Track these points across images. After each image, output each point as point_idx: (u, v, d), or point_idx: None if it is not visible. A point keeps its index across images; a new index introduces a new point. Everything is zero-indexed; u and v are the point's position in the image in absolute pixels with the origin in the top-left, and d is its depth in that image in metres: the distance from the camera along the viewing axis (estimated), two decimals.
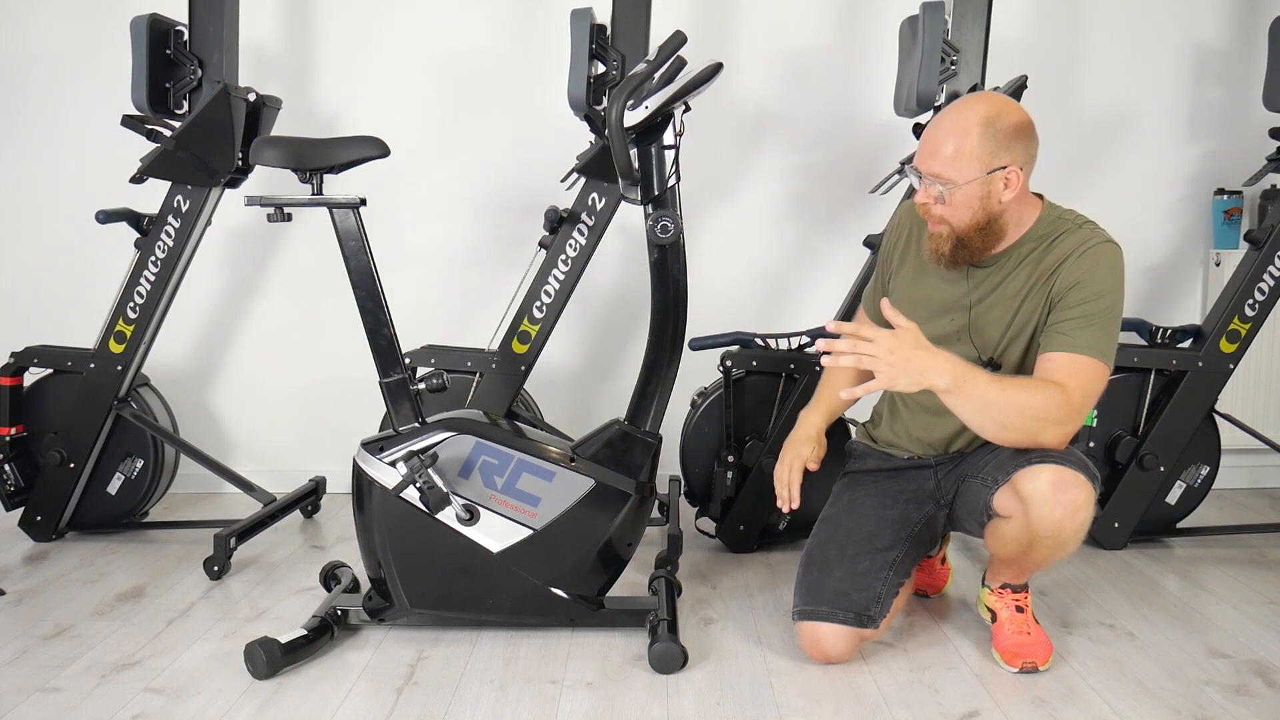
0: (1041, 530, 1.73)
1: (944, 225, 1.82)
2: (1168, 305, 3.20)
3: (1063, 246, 1.83)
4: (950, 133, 1.76)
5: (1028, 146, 1.79)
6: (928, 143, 1.80)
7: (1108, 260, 1.81)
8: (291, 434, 3.26)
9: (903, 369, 1.66)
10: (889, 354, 1.66)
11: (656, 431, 2.01)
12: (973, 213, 1.79)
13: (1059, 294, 1.80)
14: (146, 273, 2.64)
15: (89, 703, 1.76)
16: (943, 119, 1.80)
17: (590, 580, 2.01)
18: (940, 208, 1.80)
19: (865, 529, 1.94)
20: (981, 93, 1.81)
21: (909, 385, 1.67)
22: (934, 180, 1.78)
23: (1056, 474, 1.71)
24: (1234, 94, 3.13)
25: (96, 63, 3.08)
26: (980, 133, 1.74)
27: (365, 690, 1.81)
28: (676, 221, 1.91)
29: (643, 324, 2.03)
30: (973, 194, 1.77)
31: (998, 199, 1.78)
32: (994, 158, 1.75)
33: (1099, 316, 1.77)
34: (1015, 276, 1.86)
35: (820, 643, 1.87)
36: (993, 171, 1.76)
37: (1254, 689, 1.79)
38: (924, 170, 1.80)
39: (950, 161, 1.76)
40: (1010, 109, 1.78)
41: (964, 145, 1.75)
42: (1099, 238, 1.83)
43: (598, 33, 2.56)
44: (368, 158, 1.99)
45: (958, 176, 1.76)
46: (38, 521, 2.68)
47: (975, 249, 1.83)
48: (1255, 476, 3.19)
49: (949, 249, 1.83)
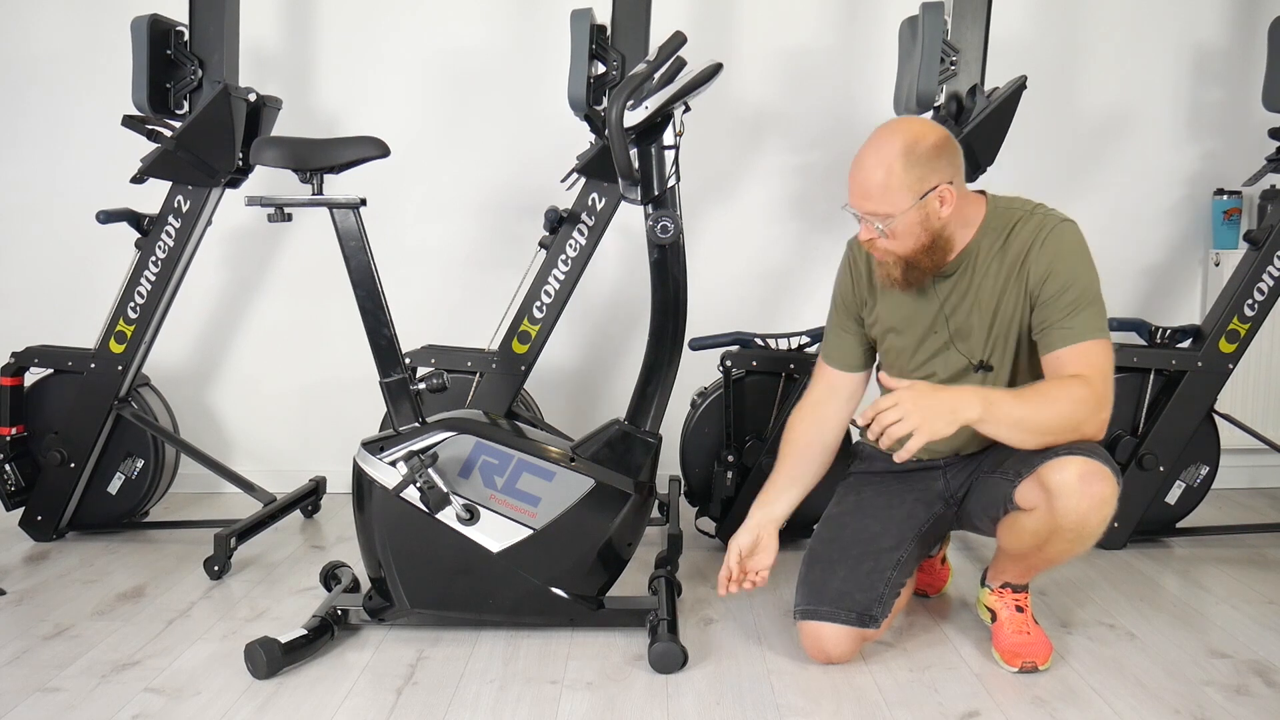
0: (1066, 522, 1.73)
1: (890, 255, 1.83)
2: (1167, 305, 3.20)
3: (1022, 235, 1.83)
4: (874, 170, 1.76)
5: (952, 159, 1.79)
6: (855, 184, 1.80)
7: (1069, 240, 1.81)
8: (291, 434, 3.26)
9: (934, 414, 1.67)
10: (916, 409, 1.67)
11: (656, 431, 2.02)
12: (915, 237, 1.80)
13: (1036, 289, 1.81)
14: (147, 273, 2.65)
15: (89, 703, 1.76)
16: (864, 158, 1.79)
17: (590, 580, 2.01)
18: (884, 241, 1.81)
19: (871, 529, 1.94)
20: (893, 121, 1.81)
21: (946, 427, 1.67)
22: (871, 218, 1.79)
23: (1085, 465, 1.71)
24: (1234, 94, 3.13)
25: (97, 63, 3.08)
26: (903, 163, 1.74)
27: (365, 690, 1.81)
28: (676, 221, 1.91)
29: (643, 324, 2.04)
30: (911, 221, 1.77)
31: (937, 218, 1.79)
32: (922, 182, 1.75)
33: (1083, 299, 1.78)
34: (985, 276, 1.86)
35: (822, 643, 1.87)
36: (925, 195, 1.76)
37: (1254, 689, 1.79)
38: (859, 210, 1.81)
39: (881, 198, 1.76)
40: (925, 130, 1.78)
41: (891, 180, 1.75)
42: (1053, 219, 1.83)
43: (598, 33, 2.56)
44: (368, 158, 1.99)
45: (892, 209, 1.76)
46: (38, 521, 2.68)
47: (926, 268, 1.84)
48: (1255, 476, 3.19)
49: (900, 273, 1.84)
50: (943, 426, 1.67)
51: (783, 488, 2.02)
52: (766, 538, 1.97)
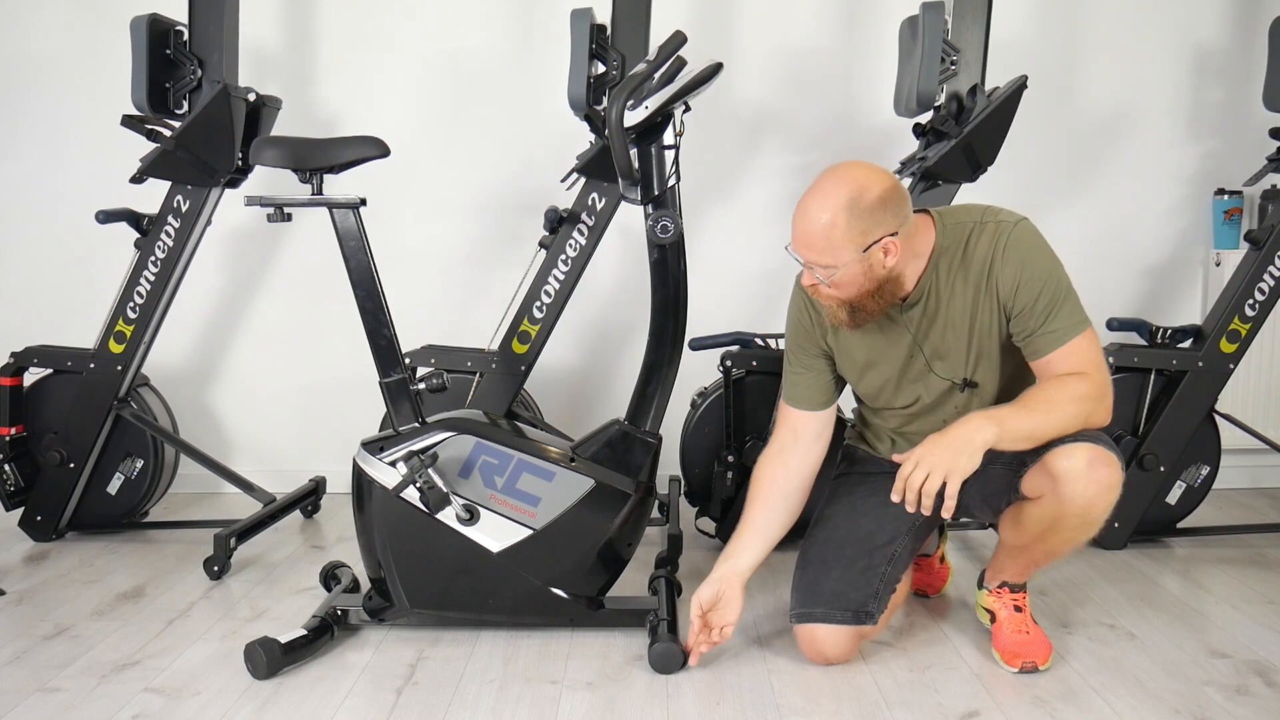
0: (1072, 508, 1.73)
1: (833, 299, 1.80)
2: (1168, 305, 3.20)
3: (980, 248, 1.80)
4: (817, 220, 1.71)
5: (898, 210, 1.74)
6: (798, 232, 1.75)
7: (1027, 241, 1.79)
8: (291, 434, 3.26)
9: (954, 453, 1.68)
10: (935, 458, 1.68)
11: (656, 431, 2.01)
12: (859, 285, 1.76)
13: (1009, 300, 1.79)
14: (146, 273, 2.64)
15: (89, 703, 1.76)
16: (808, 207, 1.74)
17: (590, 580, 2.01)
18: (826, 289, 1.78)
19: (864, 528, 1.93)
20: (839, 169, 1.74)
21: (971, 460, 1.67)
22: (814, 267, 1.76)
23: (1092, 452, 1.72)
24: (1234, 94, 3.13)
25: (96, 63, 3.08)
26: (846, 217, 1.70)
27: (365, 690, 1.81)
28: (676, 221, 1.91)
29: (643, 324, 2.03)
30: (855, 273, 1.73)
31: (881, 267, 1.74)
32: (866, 236, 1.71)
33: (1056, 297, 1.77)
34: (952, 295, 1.83)
35: (819, 644, 1.87)
36: (869, 248, 1.72)
37: (1254, 689, 1.79)
38: (801, 259, 1.77)
39: (824, 251, 1.72)
40: (872, 181, 1.72)
41: (833, 234, 1.70)
42: (1006, 225, 1.80)
43: (598, 33, 2.56)
44: (368, 158, 1.99)
45: (835, 261, 1.72)
46: (38, 521, 2.68)
47: (873, 311, 1.80)
48: (1255, 476, 3.19)
49: (846, 315, 1.82)
50: (966, 461, 1.67)
51: (748, 540, 1.93)
52: (730, 591, 1.88)
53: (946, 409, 1.92)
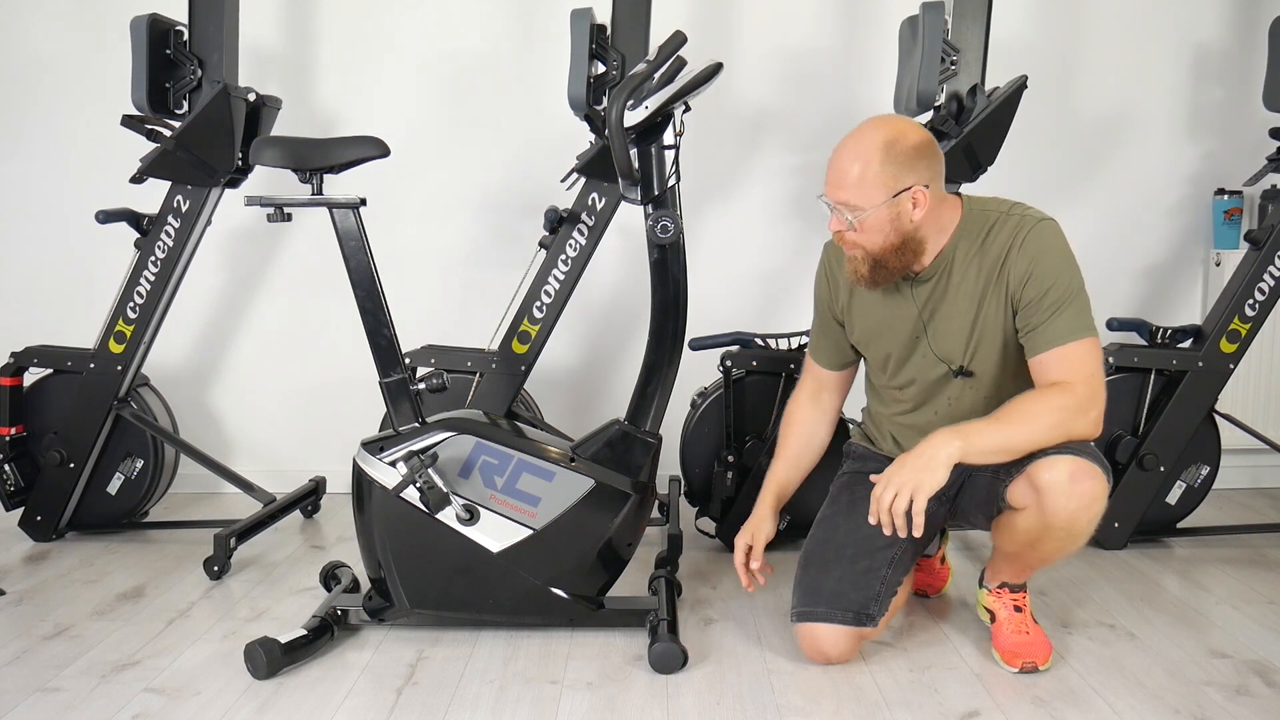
0: (1055, 521, 1.73)
1: (858, 249, 1.83)
2: (1168, 305, 3.20)
3: (1000, 238, 1.82)
4: (852, 161, 1.76)
5: (931, 164, 1.79)
6: (832, 172, 1.80)
7: (1048, 239, 1.80)
8: (291, 434, 3.26)
9: (918, 471, 1.68)
10: (901, 477, 1.69)
11: (656, 431, 2.01)
12: (885, 235, 1.79)
13: (1016, 291, 1.80)
14: (146, 273, 2.64)
15: (89, 703, 1.76)
16: (844, 147, 1.79)
17: (590, 580, 2.01)
18: (852, 234, 1.81)
19: (865, 529, 1.93)
20: (880, 117, 1.82)
21: (934, 476, 1.68)
22: (842, 208, 1.79)
23: (1073, 465, 1.71)
24: (1234, 94, 3.13)
25: (96, 63, 3.08)
26: (881, 158, 1.74)
27: (365, 690, 1.81)
28: (676, 221, 1.91)
29: (643, 324, 2.03)
30: (882, 218, 1.77)
31: (908, 219, 1.78)
32: (898, 180, 1.75)
33: (1065, 299, 1.77)
34: (963, 280, 1.85)
35: (819, 643, 1.87)
36: (898, 194, 1.76)
37: (1254, 689, 1.79)
38: (831, 199, 1.81)
39: (855, 190, 1.76)
40: (909, 130, 1.77)
41: (867, 172, 1.74)
42: (1031, 219, 1.82)
43: (598, 33, 2.56)
44: (368, 158, 1.99)
45: (864, 203, 1.76)
46: (38, 521, 2.68)
47: (893, 269, 1.83)
48: (1255, 476, 3.19)
49: (867, 270, 1.84)
50: (930, 478, 1.68)
51: (781, 469, 2.10)
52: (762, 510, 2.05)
53: (940, 399, 1.94)
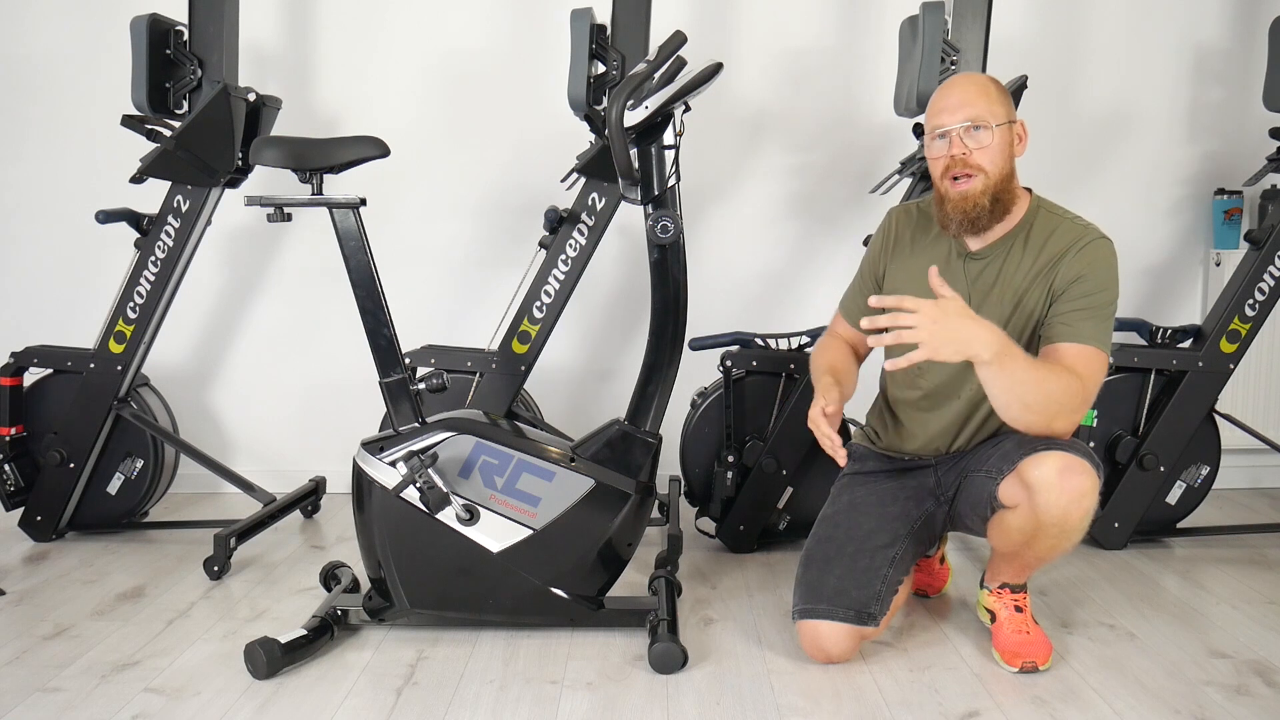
0: (1047, 518, 1.73)
1: (979, 175, 1.84)
2: (1168, 305, 3.20)
3: (1061, 239, 1.86)
4: (975, 84, 1.87)
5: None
6: (953, 98, 1.86)
7: (1106, 256, 1.85)
8: (291, 434, 3.26)
9: (947, 337, 1.64)
10: (932, 323, 1.63)
11: (656, 431, 2.01)
12: (1004, 159, 1.86)
13: (1061, 287, 1.83)
14: (146, 273, 2.64)
15: (89, 703, 1.76)
16: (956, 82, 1.90)
17: (590, 580, 2.01)
18: (980, 153, 1.84)
19: (865, 527, 1.94)
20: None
21: (952, 354, 1.64)
22: (971, 124, 1.83)
23: (1063, 460, 1.72)
24: (1234, 94, 3.13)
25: (97, 63, 3.08)
26: (996, 87, 1.88)
27: (365, 690, 1.81)
28: (676, 221, 1.91)
29: (643, 324, 2.04)
30: (1005, 138, 1.86)
31: (1015, 152, 1.89)
32: (1009, 110, 1.88)
33: (1099, 310, 1.81)
34: (1016, 269, 1.88)
35: (820, 641, 1.87)
36: (1013, 122, 1.88)
37: (1254, 689, 1.79)
38: (960, 119, 1.84)
39: (985, 105, 1.84)
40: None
41: (991, 91, 1.86)
42: (1094, 233, 1.87)
43: (598, 33, 2.56)
44: (368, 158, 1.99)
45: (993, 118, 1.84)
46: (38, 521, 2.68)
47: (992, 213, 1.85)
48: (1255, 476, 3.19)
49: (987, 201, 1.84)
50: (949, 353, 1.65)
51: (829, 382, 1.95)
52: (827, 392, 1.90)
53: (961, 389, 1.94)
